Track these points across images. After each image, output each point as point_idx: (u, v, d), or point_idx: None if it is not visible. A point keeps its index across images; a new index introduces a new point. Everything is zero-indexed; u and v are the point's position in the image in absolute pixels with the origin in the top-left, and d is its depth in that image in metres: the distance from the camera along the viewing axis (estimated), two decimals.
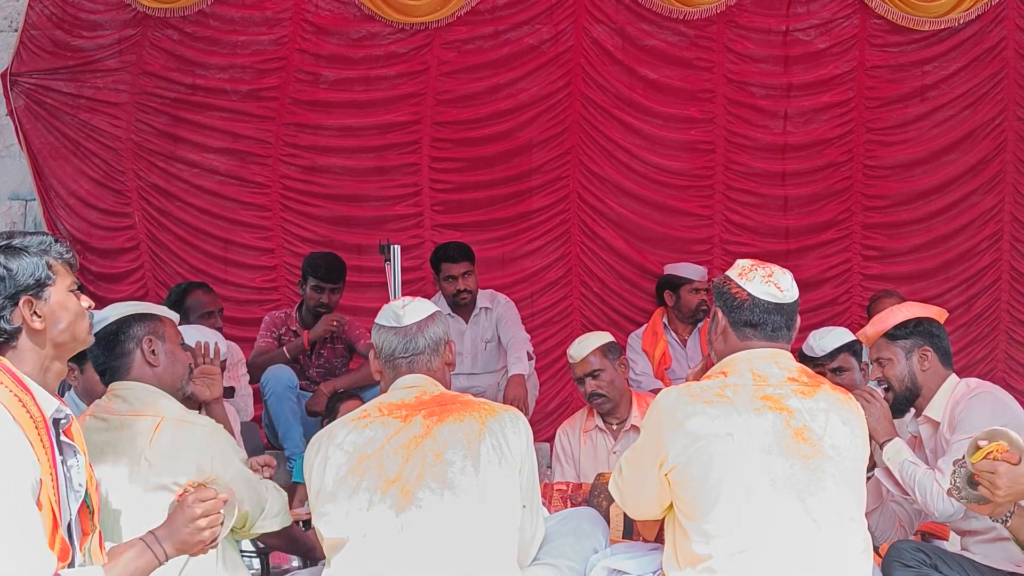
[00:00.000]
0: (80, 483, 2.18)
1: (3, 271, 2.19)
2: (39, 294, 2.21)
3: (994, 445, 2.48)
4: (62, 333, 2.23)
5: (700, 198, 6.14)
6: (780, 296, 2.62)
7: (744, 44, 6.05)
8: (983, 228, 6.15)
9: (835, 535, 2.42)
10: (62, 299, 2.23)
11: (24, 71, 5.71)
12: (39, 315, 2.19)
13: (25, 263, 2.21)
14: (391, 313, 2.71)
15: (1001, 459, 2.45)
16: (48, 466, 2.07)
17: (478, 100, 6.02)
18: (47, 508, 2.05)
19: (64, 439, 2.19)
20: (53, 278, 2.23)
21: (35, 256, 2.22)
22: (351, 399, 4.33)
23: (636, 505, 2.66)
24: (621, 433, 4.19)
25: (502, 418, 2.54)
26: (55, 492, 2.08)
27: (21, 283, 2.19)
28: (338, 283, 5.24)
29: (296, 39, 5.88)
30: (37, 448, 2.06)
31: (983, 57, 6.02)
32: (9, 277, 2.19)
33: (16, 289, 2.19)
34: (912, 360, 3.19)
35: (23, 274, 2.20)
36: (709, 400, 2.48)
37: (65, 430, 2.20)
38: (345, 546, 2.44)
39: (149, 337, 2.88)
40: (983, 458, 2.47)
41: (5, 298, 2.18)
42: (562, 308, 6.12)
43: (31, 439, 2.06)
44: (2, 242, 2.23)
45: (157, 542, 2.23)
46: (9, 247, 2.22)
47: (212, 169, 5.95)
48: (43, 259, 2.23)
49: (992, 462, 2.45)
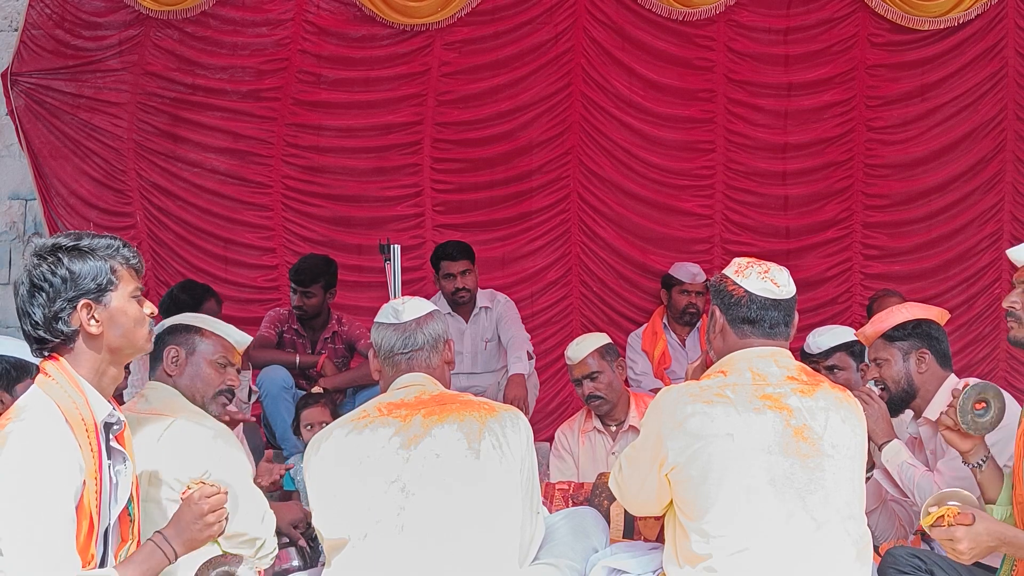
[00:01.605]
0: (124, 490, 2.20)
1: (66, 272, 2.20)
2: (99, 299, 2.22)
3: (944, 509, 2.46)
4: (119, 339, 2.23)
5: (700, 198, 6.14)
6: (777, 292, 2.62)
7: (744, 43, 6.05)
8: (983, 227, 6.15)
9: (835, 534, 2.43)
10: (123, 305, 2.24)
11: (24, 71, 5.71)
12: (97, 320, 2.20)
13: (89, 267, 2.21)
14: (390, 310, 2.72)
15: (956, 523, 2.43)
16: (94, 470, 2.09)
17: (479, 101, 6.02)
18: (86, 511, 2.06)
19: (114, 444, 2.20)
20: (116, 283, 2.23)
21: (100, 260, 2.22)
22: (315, 406, 4.31)
23: (636, 502, 2.66)
24: (619, 434, 4.19)
25: (502, 417, 2.55)
26: (97, 497, 2.09)
27: (82, 287, 2.20)
28: (309, 286, 5.13)
29: (297, 40, 5.89)
30: (85, 451, 2.08)
31: (983, 56, 6.02)
32: (71, 279, 2.20)
33: (77, 292, 2.20)
34: (909, 362, 3.19)
35: (85, 277, 2.20)
36: (709, 400, 2.47)
37: (117, 435, 2.21)
38: (346, 546, 2.44)
39: (175, 347, 2.93)
40: (934, 524, 2.46)
41: (65, 300, 2.19)
42: (562, 308, 6.12)
43: (80, 441, 2.08)
44: (70, 243, 2.24)
45: (166, 541, 2.24)
46: (76, 249, 2.22)
47: (213, 169, 5.95)
48: (108, 263, 2.23)
49: (948, 529, 2.44)
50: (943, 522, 2.45)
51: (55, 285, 2.19)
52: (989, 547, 2.45)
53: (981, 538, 2.43)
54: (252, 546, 2.81)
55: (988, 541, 2.44)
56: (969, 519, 2.43)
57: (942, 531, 2.45)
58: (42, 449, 2.04)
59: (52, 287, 2.19)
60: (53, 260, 2.21)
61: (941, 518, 2.46)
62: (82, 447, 2.07)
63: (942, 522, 2.45)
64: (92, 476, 2.08)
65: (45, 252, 2.22)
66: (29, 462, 2.03)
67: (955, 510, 2.45)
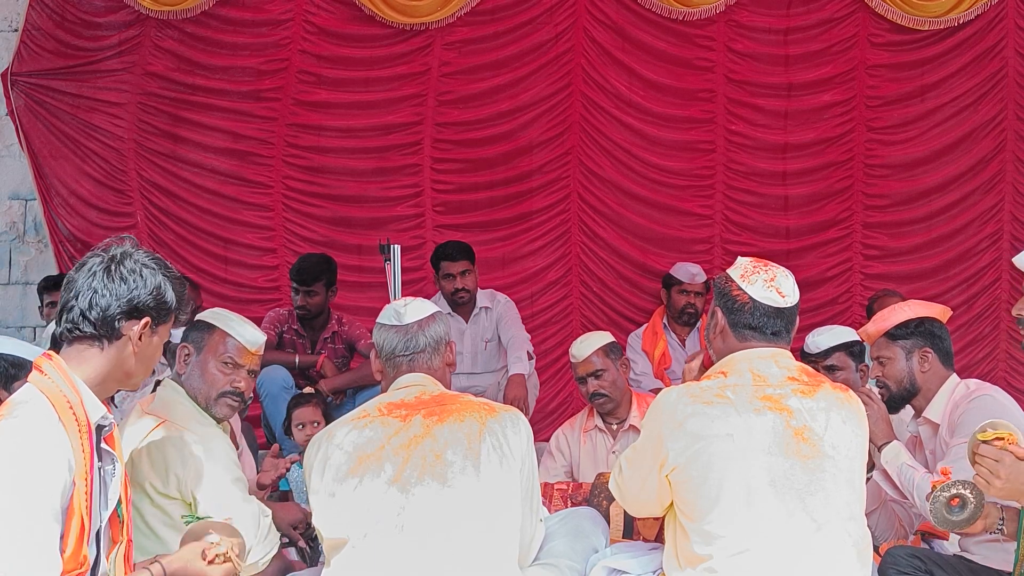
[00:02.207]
0: (114, 492, 2.19)
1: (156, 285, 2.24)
2: (155, 326, 2.26)
3: (1006, 432, 2.44)
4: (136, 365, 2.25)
5: (700, 198, 6.14)
6: (781, 301, 2.61)
7: (744, 44, 6.05)
8: (983, 227, 6.16)
9: (835, 535, 2.42)
10: (157, 344, 2.29)
11: (24, 71, 5.72)
12: (142, 340, 2.23)
13: (169, 296, 2.28)
14: (392, 312, 2.72)
15: (1010, 449, 2.41)
16: (84, 470, 2.07)
17: (479, 101, 6.02)
18: (78, 513, 2.04)
19: (104, 446, 2.19)
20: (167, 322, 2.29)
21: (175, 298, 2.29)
22: (306, 405, 4.32)
23: (636, 503, 2.66)
24: (620, 433, 4.19)
25: (502, 418, 2.54)
26: (88, 498, 2.07)
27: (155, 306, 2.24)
28: (311, 285, 5.13)
29: (298, 40, 5.89)
30: (76, 451, 2.06)
31: (983, 56, 6.03)
32: (156, 293, 2.24)
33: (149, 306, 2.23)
34: (912, 360, 3.18)
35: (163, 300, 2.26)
36: (709, 400, 2.47)
37: (106, 437, 2.20)
38: (345, 546, 2.44)
39: (186, 344, 2.97)
40: (993, 439, 2.43)
41: (136, 305, 2.21)
42: (562, 308, 6.13)
43: (72, 441, 2.06)
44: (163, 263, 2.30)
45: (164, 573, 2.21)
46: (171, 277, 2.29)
47: (214, 169, 5.95)
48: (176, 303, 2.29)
49: (999, 450, 2.42)
50: (998, 443, 2.43)
51: (137, 288, 2.21)
52: (1020, 491, 2.42)
53: (1021, 477, 2.39)
54: None
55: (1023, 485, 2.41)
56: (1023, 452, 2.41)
57: (992, 450, 2.42)
58: (31, 448, 2.01)
59: (137, 288, 2.21)
60: (153, 269, 2.25)
61: (1000, 438, 2.43)
62: (74, 447, 2.05)
63: (998, 443, 2.43)
64: (83, 477, 2.06)
65: (153, 258, 2.28)
66: (17, 462, 2.00)
67: (1015, 437, 2.43)
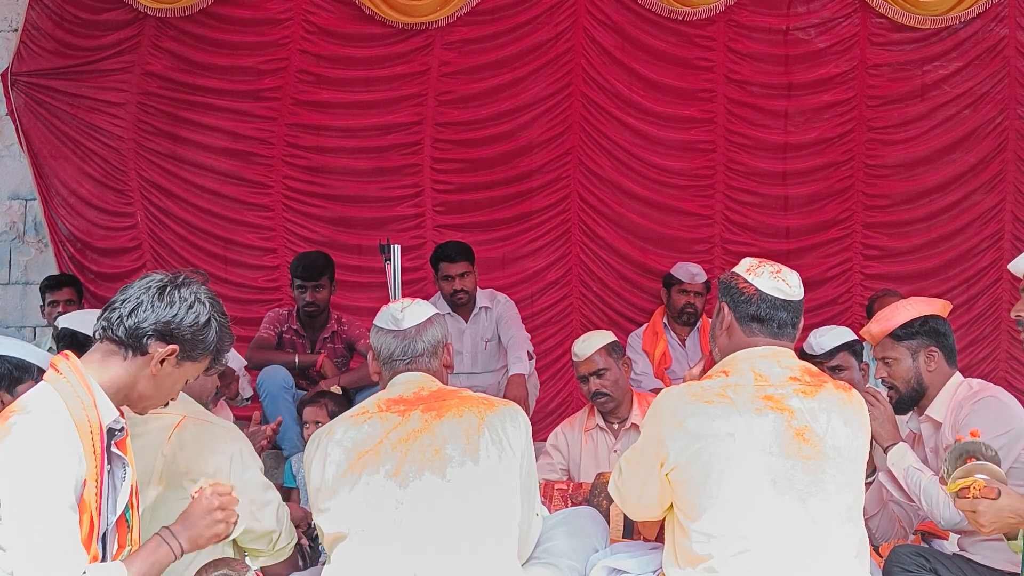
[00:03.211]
0: (123, 497, 2.19)
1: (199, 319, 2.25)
2: (183, 358, 2.25)
3: (971, 480, 2.45)
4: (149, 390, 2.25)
5: (700, 198, 6.14)
6: (788, 292, 2.61)
7: (744, 43, 6.05)
8: (984, 227, 6.15)
9: (835, 536, 2.41)
10: (179, 377, 2.29)
11: (24, 71, 5.72)
12: (162, 365, 2.23)
13: (209, 335, 2.27)
14: (390, 316, 2.71)
15: (981, 496, 2.43)
16: (95, 472, 2.08)
17: (479, 101, 6.02)
18: (88, 510, 2.06)
19: (115, 450, 2.19)
20: (196, 362, 2.29)
21: (214, 341, 2.28)
22: (311, 405, 4.35)
23: (636, 506, 2.64)
24: (622, 432, 4.19)
25: (501, 412, 2.54)
26: (97, 499, 2.09)
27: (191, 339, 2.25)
28: (319, 279, 5.14)
29: (297, 40, 5.89)
30: (87, 452, 2.07)
31: (984, 56, 6.03)
32: (193, 327, 2.25)
33: (183, 338, 2.23)
34: (919, 360, 3.16)
35: (200, 336, 2.26)
36: (710, 400, 2.46)
37: (118, 442, 2.20)
38: (345, 541, 2.44)
39: None
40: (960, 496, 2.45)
41: (172, 331, 2.22)
42: (562, 308, 6.12)
43: (83, 442, 2.07)
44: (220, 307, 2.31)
45: (173, 536, 2.23)
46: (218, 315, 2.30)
47: (214, 169, 5.95)
48: (213, 347, 2.29)
49: (972, 500, 2.44)
50: (968, 493, 2.44)
51: (180, 316, 2.23)
52: (1010, 523, 2.44)
53: (1004, 513, 2.42)
54: (268, 540, 2.82)
55: (1010, 517, 2.43)
56: (994, 493, 2.42)
57: (966, 502, 2.44)
58: (46, 442, 2.04)
59: (180, 314, 2.23)
60: (202, 303, 2.27)
61: (967, 488, 2.44)
62: (84, 447, 2.07)
63: (967, 493, 2.44)
64: (93, 478, 2.07)
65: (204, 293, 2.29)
66: (33, 455, 2.02)
67: (982, 483, 2.44)
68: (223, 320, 2.31)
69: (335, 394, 4.69)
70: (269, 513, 2.80)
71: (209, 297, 2.29)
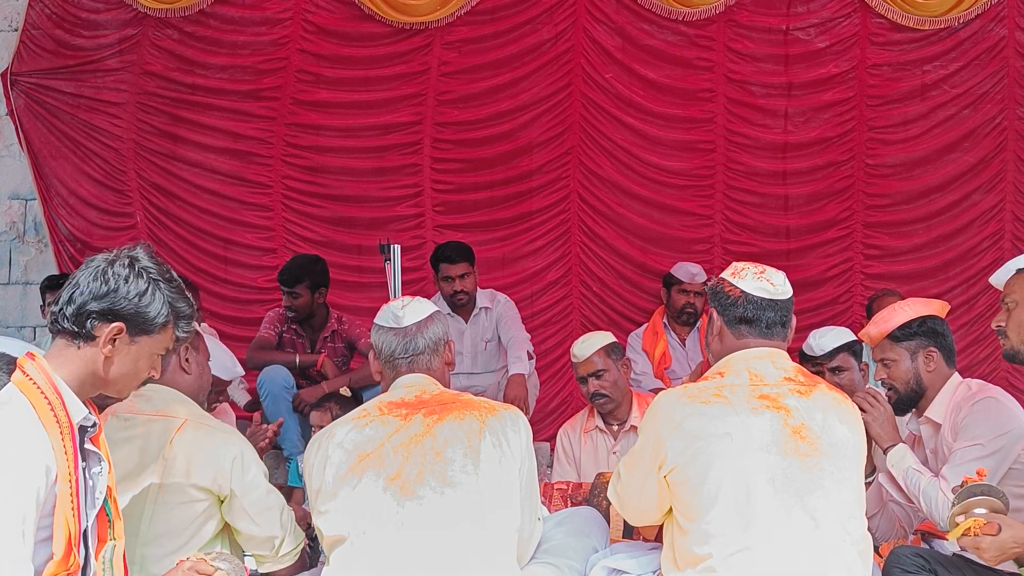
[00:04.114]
0: (101, 491, 2.16)
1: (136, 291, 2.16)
2: (135, 334, 2.17)
3: (970, 522, 2.51)
4: (112, 374, 2.18)
5: (700, 198, 6.14)
6: (773, 291, 2.63)
7: (744, 43, 6.05)
8: (984, 227, 6.15)
9: (834, 533, 2.41)
10: (142, 354, 2.19)
11: (24, 71, 5.72)
12: (114, 347, 2.15)
13: (154, 303, 2.17)
14: (390, 314, 2.71)
15: (982, 533, 2.49)
16: (68, 472, 2.04)
17: (479, 101, 6.02)
18: (60, 514, 2.02)
19: (90, 446, 2.16)
20: (154, 334, 2.19)
21: (165, 308, 2.18)
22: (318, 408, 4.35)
23: (635, 509, 2.65)
24: (621, 433, 4.19)
25: (502, 416, 2.54)
26: (73, 499, 2.05)
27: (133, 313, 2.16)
28: (293, 287, 5.10)
29: (297, 39, 5.89)
30: (58, 452, 2.03)
31: (983, 56, 6.03)
32: (132, 299, 2.15)
33: (125, 313, 2.15)
34: (918, 361, 3.17)
35: (143, 308, 2.16)
36: (707, 400, 2.47)
37: (92, 438, 2.17)
38: (345, 543, 2.44)
39: (186, 346, 2.89)
40: (962, 535, 2.51)
41: (111, 309, 2.14)
42: (562, 308, 6.12)
43: (53, 443, 2.03)
44: (162, 275, 2.20)
45: None
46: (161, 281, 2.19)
47: (213, 169, 5.95)
48: (167, 315, 2.19)
49: (974, 539, 2.50)
50: (970, 532, 2.50)
51: (117, 291, 2.15)
52: (1015, 552, 2.50)
53: (1007, 545, 2.49)
54: (270, 545, 2.81)
55: (1014, 547, 2.49)
56: (995, 529, 2.47)
57: (969, 540, 2.51)
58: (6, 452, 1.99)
59: (114, 291, 2.15)
60: (136, 273, 2.18)
61: (968, 529, 2.50)
62: (55, 449, 2.03)
63: (968, 533, 2.50)
64: (66, 479, 2.03)
65: (140, 262, 2.19)
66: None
67: (981, 522, 2.50)
68: (170, 285, 2.21)
69: (342, 396, 4.69)
70: (271, 518, 2.79)
71: (149, 266, 2.19)
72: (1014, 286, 2.91)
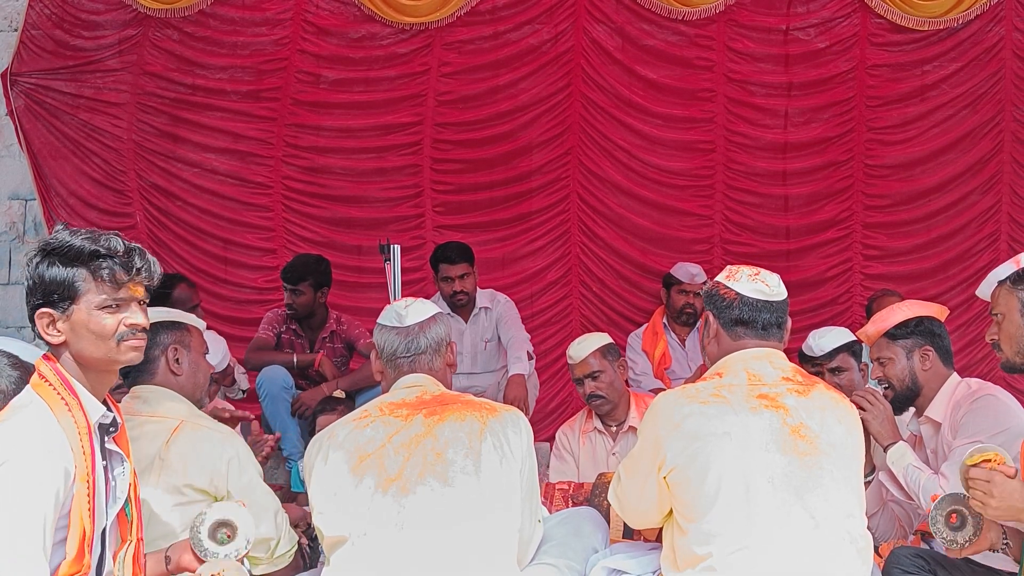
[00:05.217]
0: (122, 491, 2.15)
1: (36, 276, 2.12)
2: (61, 308, 2.12)
3: (993, 453, 2.45)
4: (86, 350, 2.13)
5: (700, 198, 6.14)
6: (768, 293, 2.65)
7: (744, 43, 6.05)
8: (982, 228, 6.16)
9: (834, 532, 2.42)
10: (84, 317, 2.12)
11: (24, 71, 5.72)
12: (58, 330, 2.12)
13: (53, 273, 2.11)
14: (393, 313, 2.73)
15: (999, 469, 2.42)
16: (86, 472, 2.04)
17: (479, 101, 6.02)
18: (76, 514, 2.02)
19: (111, 446, 2.15)
20: (79, 294, 2.12)
21: (68, 267, 2.11)
22: (330, 413, 4.35)
23: (636, 511, 2.66)
24: (619, 434, 4.19)
25: (503, 418, 2.55)
26: (90, 500, 2.05)
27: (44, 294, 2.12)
28: (297, 284, 5.12)
29: (297, 40, 5.89)
30: (77, 453, 2.03)
31: (982, 57, 6.03)
32: (37, 284, 2.12)
33: (39, 299, 2.12)
34: (913, 359, 3.19)
35: (48, 284, 2.11)
36: (705, 400, 2.48)
37: (114, 437, 2.16)
38: (345, 544, 2.44)
39: (175, 346, 2.86)
40: (980, 462, 2.44)
41: (32, 305, 2.13)
42: (562, 308, 6.13)
43: (72, 444, 2.03)
44: (48, 245, 2.13)
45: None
46: (49, 252, 2.12)
47: (213, 169, 5.96)
48: (76, 271, 2.11)
49: (988, 471, 2.42)
50: (988, 465, 2.42)
51: (30, 287, 2.15)
52: (1016, 509, 2.41)
53: (1014, 496, 2.39)
54: (266, 547, 2.81)
55: (1018, 503, 2.39)
56: (1013, 471, 2.41)
57: (982, 471, 2.42)
58: (23, 456, 2.00)
59: (28, 288, 2.15)
60: (35, 260, 2.15)
61: (987, 460, 2.43)
62: (74, 450, 2.03)
63: (986, 464, 2.43)
64: (84, 479, 2.04)
65: (33, 250, 2.16)
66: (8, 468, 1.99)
67: (1003, 458, 2.44)
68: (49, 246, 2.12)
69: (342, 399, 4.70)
70: (267, 520, 2.79)
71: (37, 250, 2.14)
72: (999, 298, 2.91)
